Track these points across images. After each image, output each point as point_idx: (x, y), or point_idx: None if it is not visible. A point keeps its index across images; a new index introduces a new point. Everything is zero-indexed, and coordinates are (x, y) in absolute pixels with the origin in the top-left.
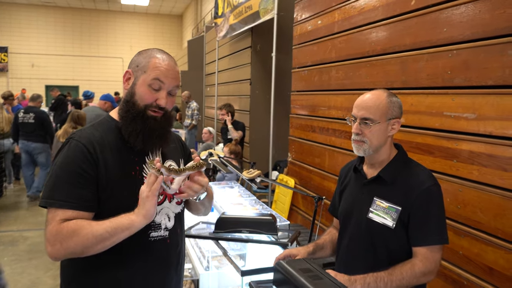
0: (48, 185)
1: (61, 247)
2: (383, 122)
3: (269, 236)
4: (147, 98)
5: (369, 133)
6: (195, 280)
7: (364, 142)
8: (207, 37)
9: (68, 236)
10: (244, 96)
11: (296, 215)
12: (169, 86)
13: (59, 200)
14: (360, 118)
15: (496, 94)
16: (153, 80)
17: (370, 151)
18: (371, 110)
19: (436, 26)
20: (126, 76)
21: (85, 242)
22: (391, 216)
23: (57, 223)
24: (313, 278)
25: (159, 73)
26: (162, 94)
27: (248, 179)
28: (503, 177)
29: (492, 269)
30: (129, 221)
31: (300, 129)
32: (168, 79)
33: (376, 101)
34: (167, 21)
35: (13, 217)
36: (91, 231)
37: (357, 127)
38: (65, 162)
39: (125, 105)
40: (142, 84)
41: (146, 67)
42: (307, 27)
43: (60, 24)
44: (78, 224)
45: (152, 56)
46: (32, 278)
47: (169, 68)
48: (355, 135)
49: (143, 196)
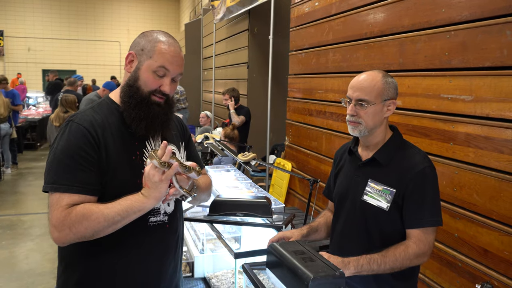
0: (50, 169)
1: (70, 232)
2: (379, 103)
3: (263, 219)
4: (151, 84)
5: (364, 114)
6: (190, 262)
7: (359, 123)
8: (204, 20)
9: (77, 221)
10: (242, 79)
11: (293, 198)
12: (174, 73)
13: (64, 185)
14: (355, 100)
15: (493, 75)
16: (159, 67)
17: (366, 132)
18: (366, 91)
19: (435, 6)
20: (129, 58)
21: (96, 226)
22: (385, 198)
23: (63, 209)
24: (306, 260)
25: (165, 61)
26: (166, 81)
27: (243, 162)
28: (499, 160)
29: (486, 251)
30: (140, 203)
31: (297, 112)
32: (173, 66)
33: (371, 82)
34: (164, 4)
35: (11, 201)
36: (102, 214)
37: (352, 108)
38: (66, 146)
39: (128, 89)
40: (146, 69)
41: (152, 52)
42: (304, 9)
43: (56, 7)
44: (87, 208)
45: (158, 40)
46: (30, 261)
47: (175, 55)
48: (350, 116)
49: (155, 179)
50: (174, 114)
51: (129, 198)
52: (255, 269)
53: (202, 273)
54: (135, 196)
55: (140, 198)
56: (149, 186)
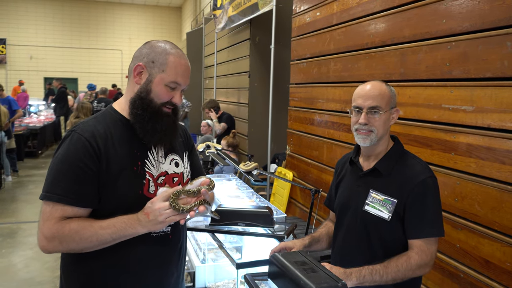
0: (48, 178)
1: (60, 245)
2: (388, 110)
3: (265, 228)
4: (164, 97)
5: (377, 122)
6: (191, 272)
7: (371, 131)
8: (206, 29)
9: (70, 237)
10: (243, 88)
11: (294, 208)
12: (184, 85)
13: (58, 195)
14: (367, 108)
15: (494, 86)
16: (172, 82)
17: (376, 140)
18: (378, 99)
19: (436, 17)
20: (138, 69)
21: (88, 244)
22: (387, 209)
23: (56, 221)
24: (308, 271)
25: (178, 75)
26: (177, 93)
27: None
28: (501, 170)
29: (488, 262)
30: (134, 230)
31: (298, 121)
32: (184, 79)
33: (380, 90)
34: (166, 13)
35: (11, 209)
36: (96, 235)
37: (365, 116)
38: (66, 156)
39: (140, 102)
40: (159, 82)
41: (165, 65)
42: (305, 19)
43: (58, 16)
44: (81, 226)
45: (168, 52)
46: (30, 270)
47: (186, 68)
48: (362, 125)
49: (160, 219)
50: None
51: (124, 221)
52: (257, 279)
53: (203, 283)
54: (131, 220)
55: (135, 223)
56: (149, 218)
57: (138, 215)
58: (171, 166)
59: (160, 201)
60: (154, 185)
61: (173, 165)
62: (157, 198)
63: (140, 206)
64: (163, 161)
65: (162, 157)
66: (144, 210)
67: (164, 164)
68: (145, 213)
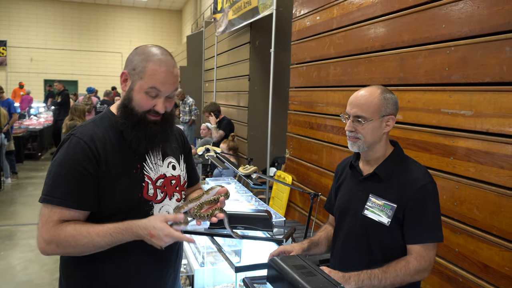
0: (47, 181)
1: (57, 248)
2: (376, 119)
3: (264, 232)
4: (144, 105)
5: (362, 130)
6: (190, 275)
7: (358, 138)
8: (206, 33)
9: (66, 241)
10: (243, 92)
11: (293, 211)
12: (167, 92)
13: (57, 198)
14: (352, 116)
15: (493, 91)
16: (150, 88)
17: (365, 147)
18: (363, 108)
19: (435, 22)
20: (123, 77)
21: (84, 249)
22: (386, 214)
23: (54, 224)
24: (307, 275)
25: (155, 82)
26: (159, 101)
27: (244, 175)
28: (500, 175)
29: (487, 267)
30: (130, 239)
31: (298, 125)
32: (165, 86)
33: (369, 98)
34: (167, 16)
35: (10, 211)
36: (92, 241)
37: (350, 124)
38: (65, 159)
39: (123, 110)
40: (139, 91)
41: (143, 73)
42: (305, 23)
43: (59, 18)
44: (78, 231)
45: (149, 60)
46: (29, 272)
47: (166, 74)
48: (349, 132)
49: (166, 239)
50: (175, 126)
51: (121, 231)
52: (255, 283)
53: (202, 287)
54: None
55: (132, 236)
56: (155, 236)
57: (139, 231)
58: (169, 169)
59: (164, 226)
60: (153, 187)
61: (171, 168)
62: (165, 225)
63: (139, 209)
64: (161, 164)
65: (160, 159)
66: (148, 228)
67: (162, 167)
68: (150, 234)
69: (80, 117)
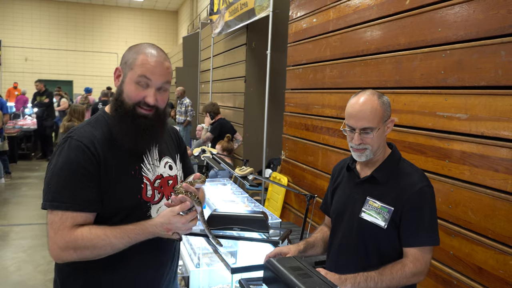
0: (50, 186)
1: (75, 253)
2: (381, 126)
3: (260, 233)
4: (134, 96)
5: (371, 141)
6: (186, 277)
7: (366, 149)
8: (202, 34)
9: (84, 246)
10: (239, 93)
11: (288, 213)
12: (157, 82)
13: (65, 203)
14: (359, 129)
15: (488, 94)
16: (140, 77)
17: (371, 155)
18: (370, 119)
19: (431, 26)
20: (117, 73)
21: (102, 252)
22: (383, 216)
23: (68, 229)
24: (303, 277)
25: (145, 70)
26: (150, 91)
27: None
28: (494, 178)
29: (481, 269)
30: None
31: (293, 127)
32: (155, 75)
33: (372, 108)
34: (163, 17)
35: (3, 211)
36: (110, 244)
37: (358, 137)
38: (66, 163)
39: (114, 103)
40: (129, 81)
41: (133, 64)
42: (302, 25)
43: (54, 18)
44: (95, 235)
45: (140, 52)
46: (22, 273)
47: (156, 64)
48: (356, 145)
49: (179, 225)
50: (169, 126)
51: (137, 232)
52: (251, 284)
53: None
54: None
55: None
56: (172, 230)
57: (155, 229)
58: (166, 169)
59: (170, 217)
60: (152, 188)
61: (167, 168)
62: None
63: (138, 210)
64: (158, 165)
65: (157, 160)
66: (164, 225)
67: (159, 168)
68: (166, 229)
69: (78, 118)
